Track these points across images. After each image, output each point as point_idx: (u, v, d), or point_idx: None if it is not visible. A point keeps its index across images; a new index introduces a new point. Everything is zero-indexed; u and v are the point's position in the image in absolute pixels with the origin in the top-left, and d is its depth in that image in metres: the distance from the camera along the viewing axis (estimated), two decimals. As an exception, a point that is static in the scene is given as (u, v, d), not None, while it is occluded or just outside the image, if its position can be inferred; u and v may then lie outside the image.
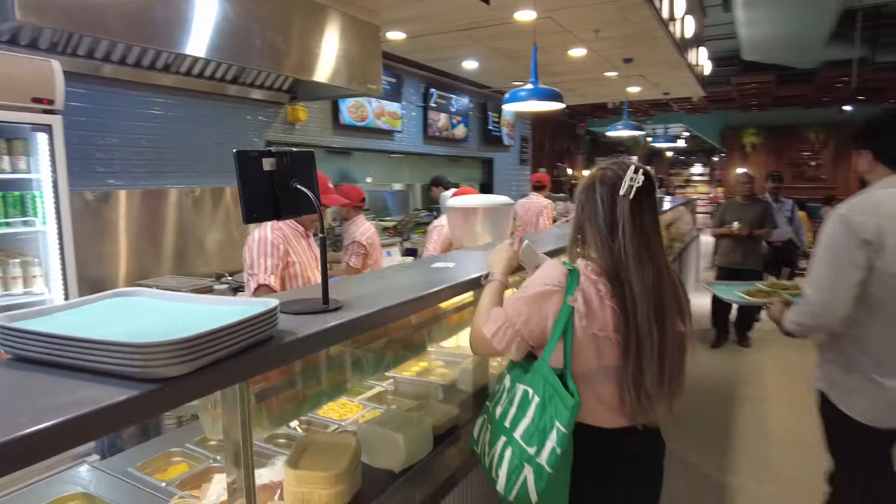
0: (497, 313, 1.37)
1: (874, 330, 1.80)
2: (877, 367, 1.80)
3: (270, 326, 1.10)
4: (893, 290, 1.75)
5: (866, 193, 1.87)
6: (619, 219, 1.32)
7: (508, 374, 1.45)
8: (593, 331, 1.29)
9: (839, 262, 1.81)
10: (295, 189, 1.35)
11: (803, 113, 13.63)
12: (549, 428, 1.27)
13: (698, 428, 3.69)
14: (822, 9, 6.62)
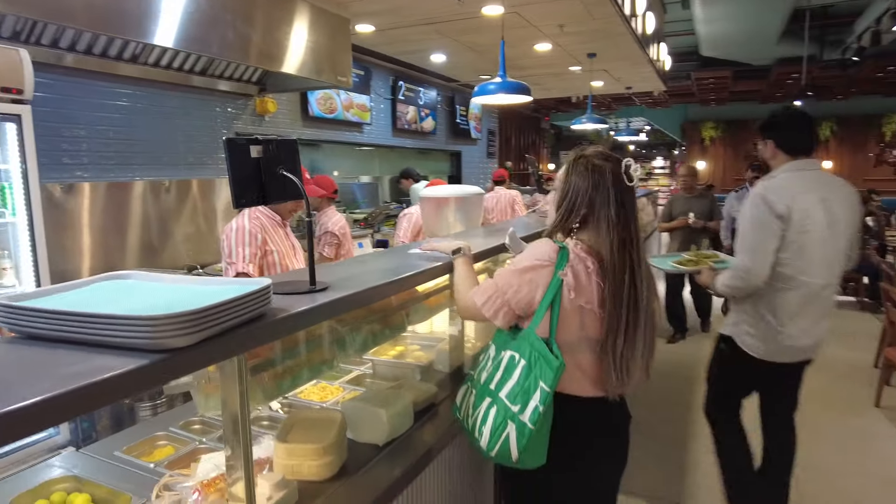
0: (487, 284, 1.50)
1: (775, 288, 2.22)
2: (775, 317, 2.24)
3: (265, 303, 1.16)
4: (794, 254, 2.16)
5: (774, 176, 2.26)
6: (625, 206, 1.46)
7: (493, 344, 1.57)
8: (580, 303, 1.42)
9: (762, 232, 2.17)
10: (281, 175, 1.41)
11: (758, 107, 14.12)
12: (532, 388, 1.39)
13: (660, 404, 3.88)
14: (774, 8, 6.91)
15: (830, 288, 2.26)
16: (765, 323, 2.26)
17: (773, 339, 2.26)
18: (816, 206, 2.15)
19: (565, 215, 1.51)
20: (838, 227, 2.19)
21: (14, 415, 0.70)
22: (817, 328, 2.27)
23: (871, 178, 13.47)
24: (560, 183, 1.54)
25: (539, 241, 1.50)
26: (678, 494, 2.95)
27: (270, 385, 1.34)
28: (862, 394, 4.15)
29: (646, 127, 17.77)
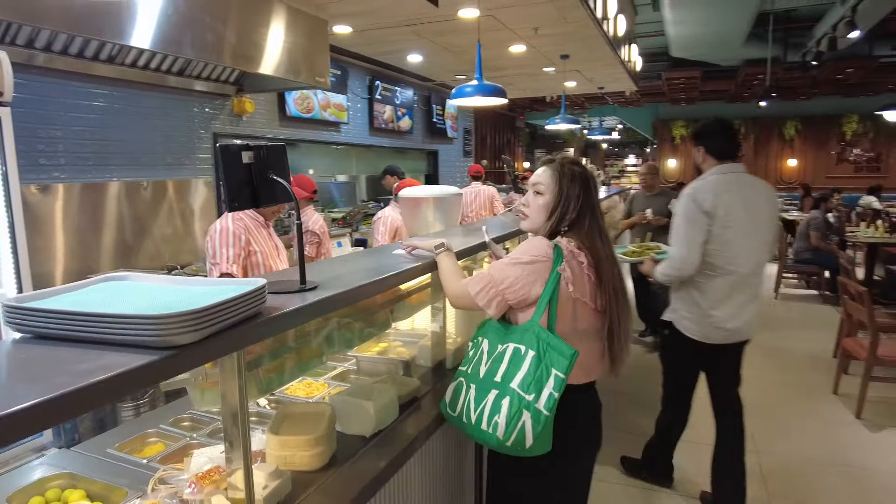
0: (481, 275, 1.59)
1: (705, 276, 2.51)
2: (706, 302, 2.53)
3: (261, 302, 1.23)
4: (720, 247, 2.45)
5: (704, 178, 2.55)
6: (597, 206, 1.67)
7: (485, 338, 1.64)
8: (577, 296, 1.55)
9: (692, 227, 2.47)
10: (271, 180, 1.48)
11: (726, 107, 14.50)
12: (545, 377, 1.48)
13: (630, 396, 4.02)
14: (740, 11, 7.12)
15: (755, 276, 2.56)
16: (697, 307, 2.55)
17: (705, 323, 2.55)
18: (738, 204, 2.45)
19: (558, 220, 1.62)
20: (759, 222, 2.50)
21: (41, 407, 0.77)
22: (745, 312, 2.55)
23: (833, 175, 13.96)
24: (551, 190, 1.64)
25: (535, 239, 1.59)
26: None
27: (264, 380, 1.41)
28: (821, 382, 4.36)
29: (618, 126, 18.06)
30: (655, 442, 3.05)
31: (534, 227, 1.70)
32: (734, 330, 2.56)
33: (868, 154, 13.88)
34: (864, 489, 2.99)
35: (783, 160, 14.56)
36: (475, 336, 1.69)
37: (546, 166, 1.69)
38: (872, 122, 13.41)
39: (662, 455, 3.04)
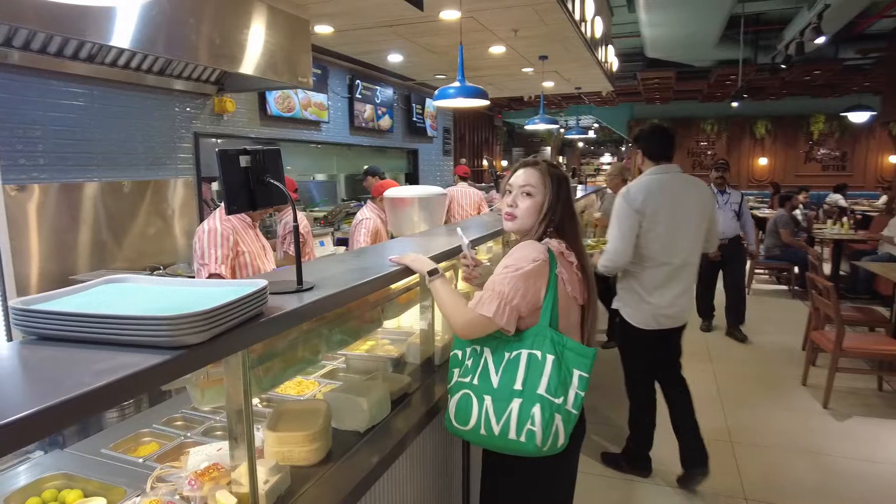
0: (489, 295, 1.53)
1: (641, 267, 2.78)
2: (644, 290, 2.80)
3: (263, 302, 1.28)
4: (652, 240, 2.72)
5: (639, 179, 2.84)
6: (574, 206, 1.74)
7: (486, 347, 1.61)
8: (574, 294, 1.62)
9: (625, 223, 2.72)
10: (267, 182, 1.51)
11: (700, 106, 14.82)
12: (569, 378, 1.54)
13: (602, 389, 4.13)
14: (712, 14, 7.30)
15: (689, 267, 2.83)
16: (637, 295, 2.82)
17: (644, 310, 2.82)
18: (668, 202, 2.72)
19: (548, 221, 1.65)
20: (689, 217, 2.77)
21: (70, 404, 0.80)
22: (681, 299, 2.83)
23: (801, 173, 14.36)
24: (542, 192, 1.66)
25: (528, 244, 1.61)
26: (629, 472, 3.19)
27: (264, 378, 1.45)
28: (791, 374, 4.53)
29: (594, 125, 18.30)
30: (631, 434, 3.17)
31: (522, 228, 1.69)
32: (671, 316, 2.83)
33: (834, 153, 14.32)
34: (833, 475, 3.13)
35: (754, 159, 14.92)
36: (465, 344, 1.66)
37: (531, 168, 1.69)
38: (838, 122, 13.83)
39: (640, 446, 3.14)
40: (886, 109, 8.59)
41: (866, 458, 3.30)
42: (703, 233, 2.84)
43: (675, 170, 2.83)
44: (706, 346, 5.25)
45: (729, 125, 14.85)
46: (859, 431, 3.62)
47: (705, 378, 4.51)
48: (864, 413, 3.87)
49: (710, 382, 4.43)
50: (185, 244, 4.50)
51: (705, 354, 5.04)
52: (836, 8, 5.97)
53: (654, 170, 2.82)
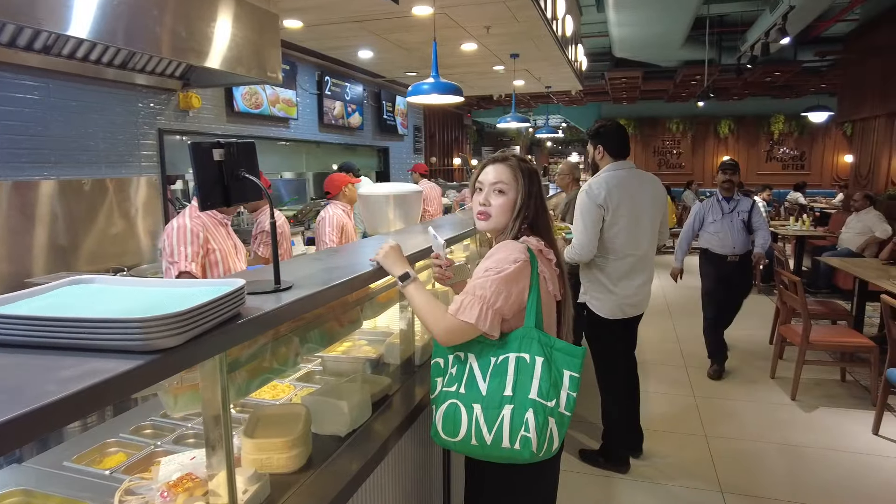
0: (470, 299, 1.46)
1: (606, 259, 2.90)
2: (609, 281, 2.91)
3: (241, 303, 1.21)
4: (615, 234, 2.85)
5: (598, 175, 2.93)
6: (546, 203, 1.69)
7: (470, 353, 1.53)
8: (554, 292, 1.60)
9: (588, 217, 2.83)
10: (242, 177, 1.44)
11: (665, 106, 15.09)
12: (560, 380, 1.49)
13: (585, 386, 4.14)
14: (679, 14, 7.42)
15: (648, 258, 2.99)
16: (603, 286, 2.94)
17: (610, 300, 2.93)
18: (627, 197, 2.84)
19: (523, 218, 1.60)
20: (646, 211, 2.90)
21: (34, 415, 0.73)
22: (643, 288, 3.00)
23: (763, 172, 14.77)
24: (514, 188, 1.60)
25: (507, 244, 1.55)
26: (607, 468, 3.20)
27: (241, 383, 1.38)
28: (760, 368, 4.62)
29: (562, 124, 18.46)
30: (606, 429, 3.19)
31: (497, 227, 1.62)
32: (635, 304, 2.98)
33: (793, 152, 14.76)
34: (802, 465, 3.19)
35: (719, 157, 15.27)
36: (447, 352, 1.59)
37: (501, 164, 1.62)
38: (797, 122, 14.27)
39: (616, 441, 3.16)
40: (842, 110, 8.89)
41: (832, 447, 3.38)
42: (657, 225, 3.00)
43: (630, 166, 2.96)
44: (677, 342, 5.33)
45: (694, 125, 15.17)
46: (825, 421, 3.71)
47: (679, 375, 4.56)
48: (829, 403, 3.97)
49: (682, 376, 4.49)
50: (150, 245, 4.34)
51: (676, 349, 5.12)
52: (797, 10, 6.13)
53: (613, 166, 2.93)
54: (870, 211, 6.82)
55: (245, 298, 1.23)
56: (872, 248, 6.66)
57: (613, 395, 3.14)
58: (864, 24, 7.95)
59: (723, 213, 4.45)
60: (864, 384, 4.27)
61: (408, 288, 1.58)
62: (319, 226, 3.93)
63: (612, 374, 3.13)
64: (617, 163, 2.94)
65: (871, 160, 7.90)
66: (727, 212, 4.45)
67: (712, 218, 4.48)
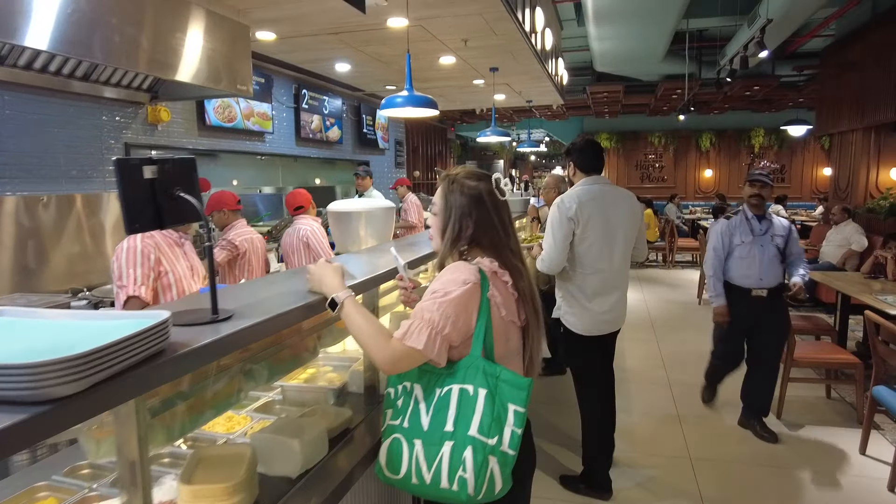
0: (418, 324, 1.34)
1: (579, 274, 2.88)
2: (584, 296, 2.88)
3: (163, 339, 1.08)
4: (586, 249, 2.84)
5: (571, 190, 2.92)
6: (506, 220, 1.55)
7: (416, 384, 1.44)
8: (510, 318, 1.46)
9: (559, 230, 2.82)
10: (178, 197, 1.32)
11: (647, 120, 15.18)
12: (503, 415, 1.36)
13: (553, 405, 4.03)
14: (659, 28, 7.45)
15: (622, 273, 2.93)
16: (577, 302, 2.90)
17: (585, 316, 2.89)
18: (599, 211, 2.82)
19: (453, 239, 1.50)
20: (619, 226, 2.86)
21: None
22: (618, 305, 2.94)
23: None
24: (440, 208, 1.54)
25: (455, 266, 1.45)
26: (588, 494, 3.07)
27: (172, 425, 1.24)
28: (744, 385, 4.53)
29: (545, 138, 18.51)
30: (587, 452, 3.10)
31: (437, 247, 1.57)
32: (610, 321, 2.93)
33: (774, 165, 14.90)
34: (791, 486, 3.09)
35: (700, 171, 15.37)
36: (396, 382, 1.49)
37: (440, 183, 1.57)
38: (776, 135, 14.42)
39: (598, 465, 3.06)
40: (820, 124, 8.96)
41: (820, 467, 3.28)
42: (632, 241, 2.96)
43: (604, 181, 2.95)
44: (662, 362, 5.24)
45: (676, 138, 15.27)
46: (812, 441, 3.62)
47: (663, 394, 4.46)
48: (815, 421, 3.89)
49: (666, 395, 4.39)
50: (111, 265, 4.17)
51: (660, 366, 5.02)
52: (774, 25, 6.16)
53: (586, 181, 2.93)
54: (848, 223, 6.83)
55: (169, 333, 1.09)
56: (853, 260, 6.66)
57: (593, 412, 3.07)
58: (840, 39, 8.03)
59: (753, 234, 3.63)
60: (849, 401, 4.20)
61: (344, 310, 1.42)
62: (285, 242, 3.80)
63: (592, 389, 3.07)
64: (589, 178, 2.94)
65: (850, 173, 7.94)
66: (758, 234, 3.63)
67: (740, 239, 3.65)
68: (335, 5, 3.69)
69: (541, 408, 4.09)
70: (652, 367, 5.02)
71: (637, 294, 7.96)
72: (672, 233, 10.18)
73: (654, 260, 10.85)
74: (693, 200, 14.96)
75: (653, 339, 5.92)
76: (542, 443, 3.58)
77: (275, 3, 3.87)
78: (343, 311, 1.43)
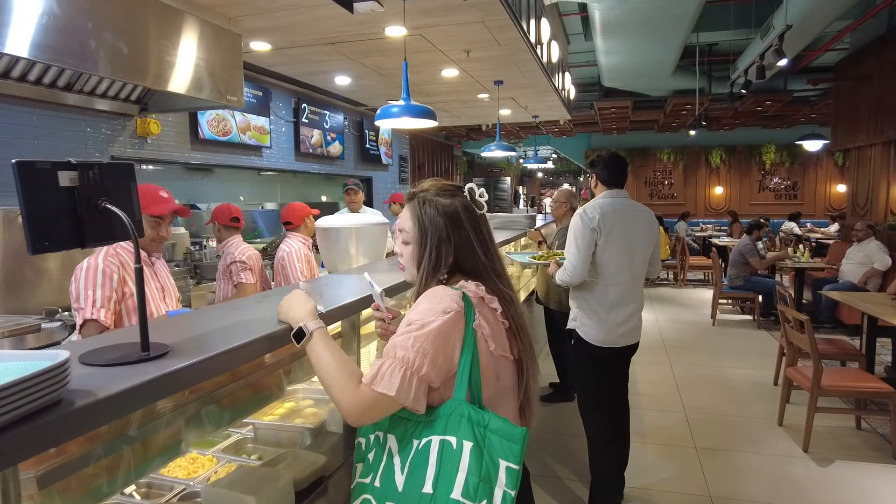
0: (388, 365, 1.12)
1: (600, 286, 2.85)
2: (602, 308, 2.84)
3: (57, 387, 0.84)
4: (607, 259, 2.82)
5: (594, 200, 2.93)
6: (486, 239, 1.32)
7: (390, 434, 1.20)
8: (499, 352, 1.23)
9: (581, 240, 2.80)
10: (105, 209, 1.09)
11: (656, 136, 14.96)
12: (493, 472, 1.12)
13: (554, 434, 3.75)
14: (667, 42, 7.26)
15: (638, 287, 2.93)
16: (595, 313, 2.87)
17: (604, 327, 2.85)
18: (619, 224, 2.83)
19: (431, 269, 1.26)
20: (637, 240, 2.88)
21: None
22: (635, 316, 2.92)
23: (756, 202, 14.58)
24: (413, 235, 1.29)
25: (434, 291, 1.21)
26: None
27: (79, 492, 1.00)
28: (766, 413, 4.23)
29: (553, 155, 18.35)
30: (594, 480, 2.94)
31: (412, 279, 1.33)
32: (627, 332, 2.89)
33: (786, 182, 14.61)
34: (822, 535, 2.80)
35: (711, 187, 15.10)
36: (368, 430, 1.25)
37: (407, 205, 1.33)
38: (788, 151, 14.14)
39: (606, 493, 2.90)
40: (836, 139, 8.70)
41: (856, 511, 2.99)
42: (648, 256, 2.97)
43: (625, 196, 2.98)
44: (674, 383, 4.95)
45: (685, 155, 15.03)
46: (844, 478, 3.32)
47: (675, 418, 4.18)
48: (846, 456, 3.59)
49: (680, 423, 4.10)
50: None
51: (673, 391, 4.73)
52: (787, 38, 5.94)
53: (607, 194, 2.94)
54: (871, 241, 6.53)
55: (67, 380, 0.86)
56: (875, 280, 6.36)
57: (602, 437, 2.91)
58: (855, 52, 7.81)
59: None
60: (881, 432, 3.89)
61: (312, 341, 1.20)
62: (281, 265, 3.57)
63: (601, 414, 2.93)
64: (611, 191, 2.95)
65: (869, 189, 7.66)
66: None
67: None
68: (326, 13, 3.53)
69: (547, 438, 3.81)
70: (665, 392, 4.73)
71: (649, 314, 7.67)
72: (683, 251, 9.90)
73: (666, 278, 10.56)
74: (703, 217, 14.67)
75: (665, 360, 5.63)
76: (545, 478, 3.31)
77: (266, 11, 3.70)
78: (309, 345, 1.20)
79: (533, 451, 3.55)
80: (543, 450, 3.67)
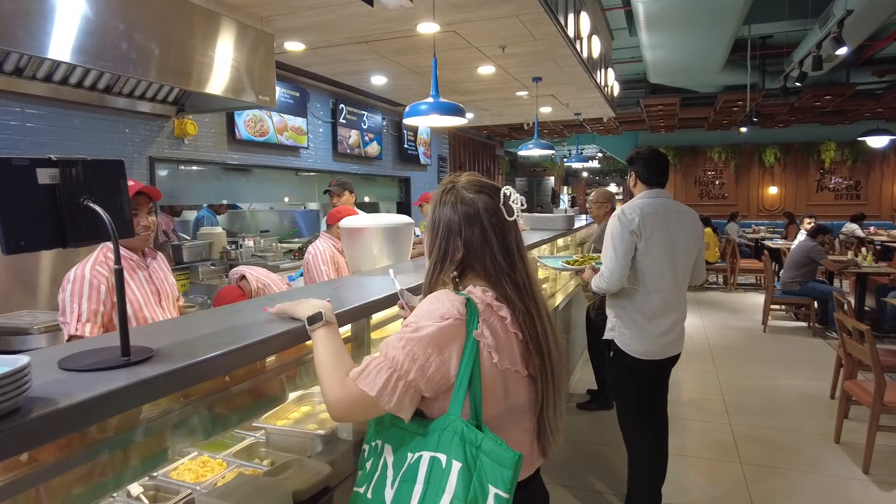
0: (376, 363, 1.07)
1: (641, 293, 2.66)
2: (642, 317, 2.66)
3: (13, 395, 0.79)
4: (648, 265, 2.63)
5: (632, 201, 2.74)
6: (512, 245, 1.21)
7: (387, 444, 1.14)
8: (506, 365, 1.12)
9: (620, 244, 2.62)
10: (85, 208, 1.05)
11: (706, 134, 14.40)
12: (480, 499, 1.03)
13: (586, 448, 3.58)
14: (716, 35, 6.93)
15: (681, 294, 2.74)
16: (634, 323, 2.68)
17: (643, 338, 2.67)
18: (661, 227, 2.64)
19: (438, 262, 1.19)
20: (680, 244, 2.68)
21: None
22: (678, 326, 2.73)
23: (813, 202, 13.84)
24: (427, 222, 1.23)
25: (437, 295, 1.13)
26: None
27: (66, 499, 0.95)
28: (821, 429, 3.95)
29: (598, 154, 17.95)
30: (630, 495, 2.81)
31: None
32: (668, 343, 2.70)
33: (847, 182, 13.82)
34: (881, 566, 2.56)
35: (764, 188, 14.44)
36: (371, 437, 1.19)
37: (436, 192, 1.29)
38: (850, 149, 13.37)
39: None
40: (904, 134, 8.16)
41: (921, 540, 2.73)
42: (692, 262, 2.77)
43: (666, 196, 2.78)
44: (721, 393, 4.69)
45: (737, 153, 14.42)
46: (908, 503, 3.05)
47: (721, 432, 3.94)
48: (912, 479, 3.30)
49: (727, 437, 3.87)
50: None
51: (720, 402, 4.48)
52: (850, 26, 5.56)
53: (647, 194, 2.74)
54: (945, 245, 6.06)
55: (27, 387, 0.81)
56: (947, 286, 5.89)
57: (642, 452, 2.75)
58: (926, 41, 7.29)
59: None
60: (951, 454, 3.57)
61: (315, 333, 1.21)
62: (311, 266, 3.55)
63: (642, 424, 2.77)
64: (651, 191, 2.74)
65: (940, 189, 7.13)
66: None
67: None
68: (354, 10, 3.49)
69: (582, 447, 3.66)
70: (711, 403, 4.49)
71: (695, 319, 7.35)
72: (734, 253, 9.46)
73: (715, 282, 10.13)
74: (756, 219, 14.04)
75: (711, 369, 5.36)
76: (578, 490, 3.16)
77: (295, 10, 3.70)
78: (318, 330, 1.21)
79: (567, 460, 3.41)
80: (578, 460, 3.52)
